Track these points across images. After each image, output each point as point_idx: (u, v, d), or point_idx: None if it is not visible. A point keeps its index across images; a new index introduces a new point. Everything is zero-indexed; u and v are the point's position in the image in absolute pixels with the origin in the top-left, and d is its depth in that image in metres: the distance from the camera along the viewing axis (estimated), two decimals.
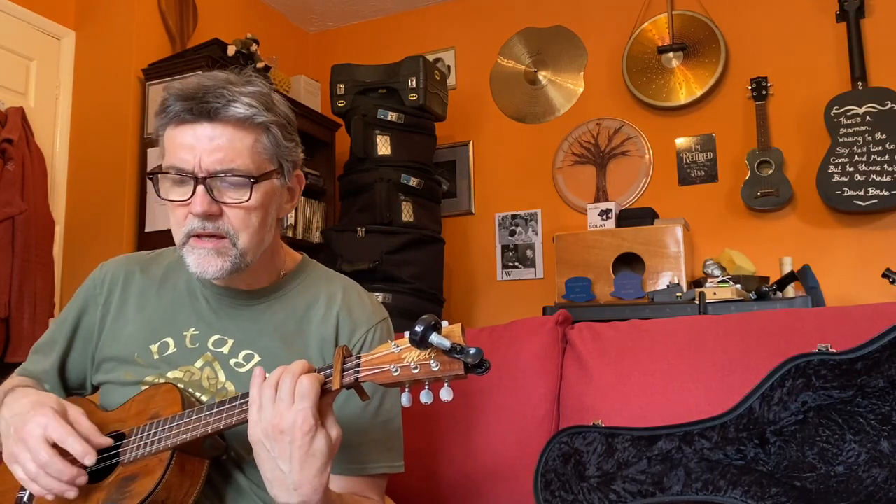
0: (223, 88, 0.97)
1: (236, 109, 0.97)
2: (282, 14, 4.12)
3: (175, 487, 0.92)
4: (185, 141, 0.97)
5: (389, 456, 1.08)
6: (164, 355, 1.07)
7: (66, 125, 3.19)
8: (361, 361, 0.82)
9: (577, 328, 1.49)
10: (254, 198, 0.98)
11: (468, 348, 0.75)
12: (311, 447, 0.81)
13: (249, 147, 0.98)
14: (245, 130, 0.98)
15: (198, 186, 0.96)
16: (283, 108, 1.05)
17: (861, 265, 3.00)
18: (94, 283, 1.17)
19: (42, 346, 1.16)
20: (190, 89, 0.97)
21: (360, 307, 1.13)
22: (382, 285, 2.87)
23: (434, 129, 3.25)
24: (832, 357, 1.06)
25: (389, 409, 1.09)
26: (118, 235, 3.02)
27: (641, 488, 1.16)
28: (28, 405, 0.96)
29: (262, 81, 1.04)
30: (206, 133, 0.96)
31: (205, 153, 0.96)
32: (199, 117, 0.96)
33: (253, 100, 0.98)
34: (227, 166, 0.96)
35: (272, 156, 1.01)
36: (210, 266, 0.99)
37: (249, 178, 0.97)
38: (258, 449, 0.84)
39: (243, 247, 1.00)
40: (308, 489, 0.82)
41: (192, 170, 0.96)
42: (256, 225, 1.00)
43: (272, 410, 0.82)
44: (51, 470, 0.90)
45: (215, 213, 0.98)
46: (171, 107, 0.97)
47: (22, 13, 3.01)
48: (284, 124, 1.03)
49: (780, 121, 3.22)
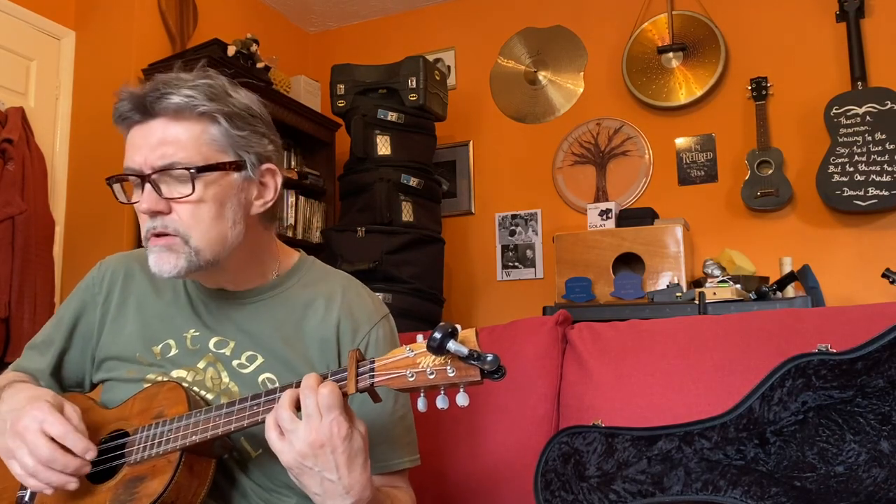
0: (166, 84, 0.96)
1: (173, 99, 0.95)
2: (282, 14, 4.12)
3: (184, 488, 0.91)
4: (133, 142, 0.97)
5: (409, 450, 1.09)
6: (168, 356, 1.07)
7: (66, 125, 3.19)
8: (376, 366, 0.82)
9: (577, 328, 1.49)
10: (198, 191, 0.95)
11: (485, 355, 0.75)
12: (352, 449, 0.83)
13: (194, 138, 0.96)
14: (186, 121, 0.96)
15: (144, 185, 0.96)
16: (243, 99, 1.02)
17: (861, 265, 3.00)
18: (93, 281, 1.16)
19: (38, 344, 1.15)
20: (135, 88, 0.97)
21: (361, 306, 1.12)
22: (382, 285, 2.87)
23: (434, 129, 3.25)
24: (832, 357, 1.06)
25: (403, 405, 1.10)
26: (118, 235, 3.02)
27: (641, 488, 1.16)
28: (25, 400, 0.96)
29: (217, 74, 1.02)
30: (151, 130, 0.96)
31: (149, 150, 0.95)
32: (144, 116, 0.96)
33: (193, 90, 0.96)
34: (168, 160, 0.95)
35: (225, 147, 0.98)
36: (165, 264, 0.97)
37: (189, 170, 0.95)
38: (298, 471, 0.84)
39: (196, 244, 0.97)
40: (359, 488, 0.84)
41: (139, 169, 0.96)
42: (208, 220, 0.97)
43: (304, 429, 0.82)
44: (55, 464, 0.89)
45: (163, 210, 0.96)
46: (119, 107, 0.98)
47: (22, 13, 3.01)
48: (237, 113, 1.00)
49: (780, 121, 3.22)
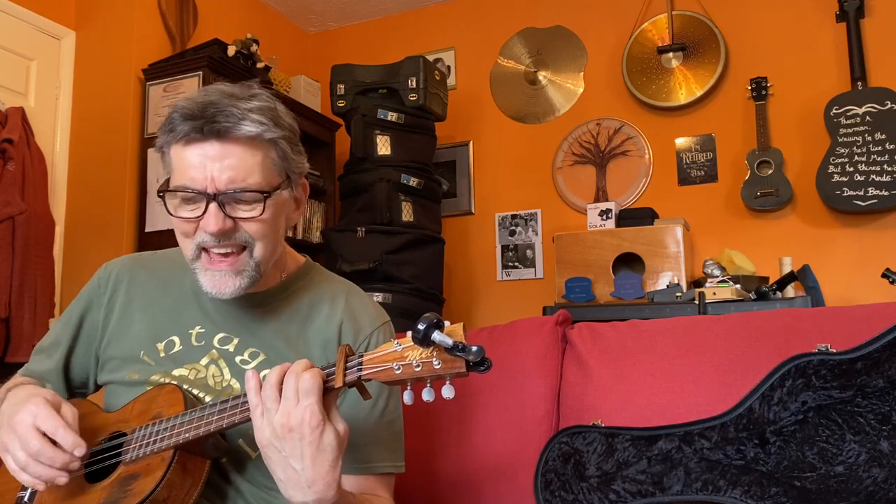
0: (231, 106, 0.96)
1: (246, 128, 0.96)
2: (282, 14, 4.12)
3: (177, 487, 0.92)
4: (194, 160, 0.96)
5: (394, 456, 1.09)
6: (171, 353, 1.08)
7: (66, 125, 3.19)
8: (364, 360, 0.83)
9: (577, 328, 1.49)
10: (267, 212, 0.98)
11: (470, 346, 0.76)
12: (321, 442, 0.82)
13: (259, 164, 0.98)
14: (255, 148, 0.98)
15: (210, 204, 0.95)
16: (289, 119, 1.04)
17: (861, 265, 3.00)
18: (98, 282, 1.17)
19: (46, 347, 1.17)
20: (196, 107, 0.95)
21: (363, 311, 1.14)
22: (382, 285, 2.87)
23: (434, 129, 3.25)
24: (832, 357, 1.07)
25: (393, 410, 1.10)
26: (118, 235, 3.02)
27: (641, 488, 1.16)
28: (24, 397, 0.97)
29: (267, 94, 1.02)
30: (215, 152, 0.95)
31: (216, 172, 0.95)
32: (207, 136, 0.95)
33: (262, 116, 0.97)
34: (239, 185, 0.96)
35: (281, 169, 1.02)
36: (227, 287, 1.00)
37: (262, 194, 0.97)
38: (268, 452, 0.84)
39: (259, 257, 1.01)
40: (322, 485, 0.83)
41: (203, 189, 0.95)
42: (271, 235, 1.02)
43: (279, 410, 0.82)
44: (43, 457, 0.89)
45: (230, 228, 0.98)
46: (178, 126, 0.96)
47: (22, 13, 3.01)
48: (291, 137, 1.03)
49: (780, 121, 3.22)
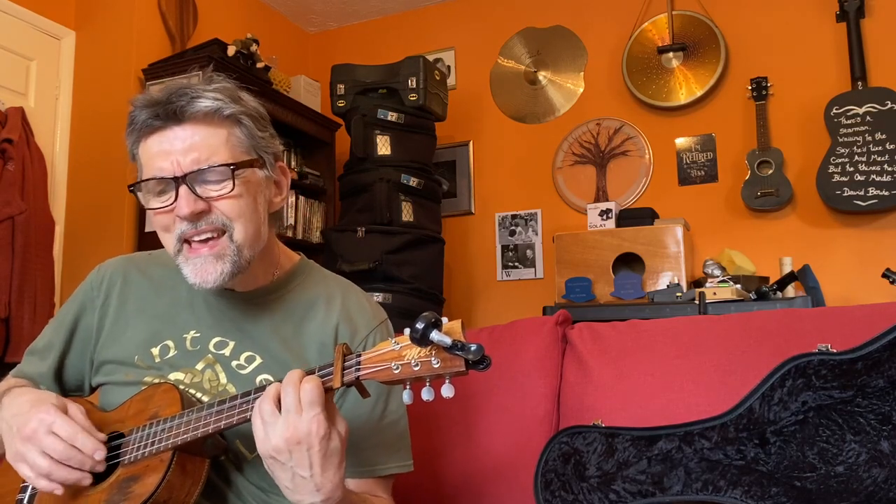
0: (186, 88, 0.96)
1: (201, 104, 0.96)
2: (282, 14, 4.12)
3: (177, 487, 0.92)
4: (159, 149, 0.96)
5: (398, 456, 1.08)
6: (166, 358, 1.07)
7: (66, 125, 3.19)
8: (362, 359, 0.82)
9: (577, 328, 1.49)
10: (238, 188, 0.97)
11: (469, 345, 0.75)
12: (329, 449, 0.82)
13: (224, 142, 0.97)
14: (216, 125, 0.97)
15: (180, 187, 0.95)
16: (252, 102, 1.04)
17: (861, 265, 3.00)
18: (91, 284, 1.16)
19: (39, 349, 1.15)
20: (153, 96, 0.97)
21: (360, 311, 1.12)
22: (382, 285, 2.87)
23: (434, 129, 3.25)
24: (832, 357, 1.06)
25: (395, 411, 1.09)
26: (118, 235, 3.02)
27: (641, 488, 1.16)
28: (28, 403, 0.96)
29: (230, 82, 1.02)
30: (177, 136, 0.96)
31: (180, 155, 0.95)
32: (167, 121, 0.96)
33: (218, 93, 0.97)
34: (203, 164, 0.95)
35: (249, 147, 1.00)
36: (209, 274, 0.97)
37: (229, 166, 0.96)
38: (271, 463, 0.84)
39: (239, 240, 0.98)
40: (330, 487, 0.84)
41: (170, 175, 0.95)
42: (248, 212, 0.99)
43: (282, 424, 0.82)
44: (72, 462, 0.89)
45: (203, 209, 0.96)
46: (138, 117, 0.97)
47: (22, 13, 3.01)
48: (255, 116, 1.02)
49: (780, 121, 3.22)
